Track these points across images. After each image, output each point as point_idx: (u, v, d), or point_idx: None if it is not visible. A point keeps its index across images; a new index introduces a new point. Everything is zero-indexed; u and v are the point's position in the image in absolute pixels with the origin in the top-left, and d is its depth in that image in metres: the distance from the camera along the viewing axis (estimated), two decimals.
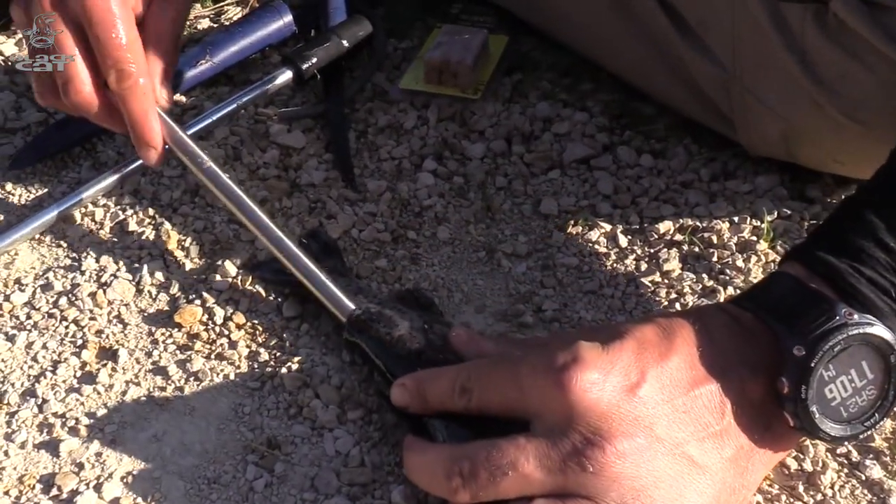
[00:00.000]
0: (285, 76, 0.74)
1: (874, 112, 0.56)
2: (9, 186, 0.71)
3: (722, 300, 0.56)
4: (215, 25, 0.93)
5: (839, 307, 0.41)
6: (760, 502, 0.47)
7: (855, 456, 0.49)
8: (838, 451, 0.49)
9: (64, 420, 0.53)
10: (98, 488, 0.49)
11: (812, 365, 0.40)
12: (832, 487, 0.48)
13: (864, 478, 0.48)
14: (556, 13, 0.77)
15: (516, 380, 0.42)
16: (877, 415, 0.42)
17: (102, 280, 0.62)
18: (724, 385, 0.42)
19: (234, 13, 0.94)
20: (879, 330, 0.41)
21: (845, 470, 0.48)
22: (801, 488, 0.47)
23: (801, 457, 0.49)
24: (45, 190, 0.71)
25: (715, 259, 0.60)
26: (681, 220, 0.64)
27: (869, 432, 0.43)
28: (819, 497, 0.47)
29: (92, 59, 0.58)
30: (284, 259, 0.55)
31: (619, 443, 0.40)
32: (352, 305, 0.52)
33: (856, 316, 0.41)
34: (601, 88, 0.76)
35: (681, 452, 0.41)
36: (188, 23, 0.89)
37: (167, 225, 0.65)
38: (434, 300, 0.55)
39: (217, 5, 0.96)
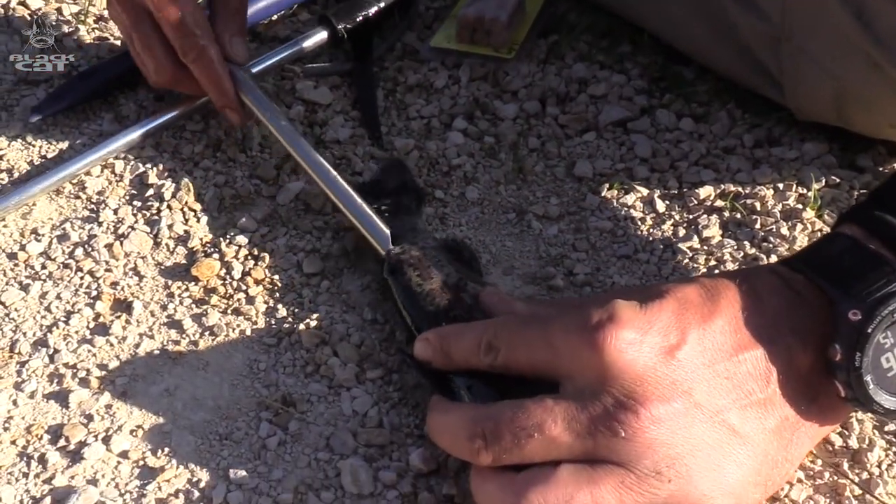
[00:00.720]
0: (320, 36, 0.72)
1: None
2: (29, 137, 0.70)
3: None
4: None
5: None
6: (802, 479, 0.44)
7: None
8: (886, 429, 0.46)
9: (75, 371, 0.51)
10: (106, 440, 0.47)
11: (869, 331, 0.37)
12: (879, 466, 0.45)
13: None
14: None
15: (547, 337, 0.40)
16: None
17: (120, 232, 0.60)
18: (770, 351, 0.39)
19: None
20: None
21: (894, 448, 0.45)
22: (845, 465, 0.44)
23: (847, 433, 0.46)
24: (66, 142, 0.69)
25: (758, 226, 0.57)
26: (722, 186, 0.60)
27: None
28: (865, 475, 0.44)
29: (165, 39, 0.61)
30: (333, 193, 0.55)
31: (655, 407, 0.37)
32: (391, 246, 0.50)
33: None
34: (640, 51, 0.73)
35: (721, 420, 0.38)
36: None
37: (187, 178, 0.63)
38: (477, 256, 0.53)
39: None
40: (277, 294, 0.55)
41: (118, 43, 0.79)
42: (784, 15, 0.59)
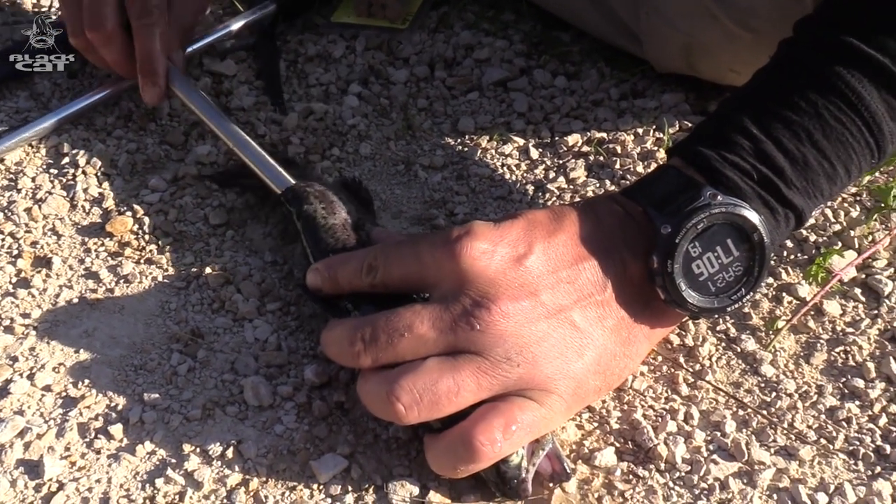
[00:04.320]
0: (271, 9, 0.77)
1: (763, 19, 0.60)
2: None
3: None
4: None
5: (704, 189, 0.45)
6: (644, 372, 0.51)
7: (733, 332, 0.53)
8: (718, 328, 0.53)
9: (1, 319, 0.55)
10: (31, 377, 0.52)
11: (677, 241, 0.44)
12: (710, 358, 0.52)
13: (739, 350, 0.52)
14: None
15: (416, 254, 0.46)
16: (743, 289, 0.46)
17: (38, 197, 0.64)
18: (606, 262, 0.46)
19: None
20: (743, 210, 0.45)
21: (723, 344, 0.53)
22: (681, 359, 0.52)
23: (683, 333, 0.53)
24: None
25: (618, 167, 0.64)
26: (588, 134, 0.67)
27: (737, 305, 0.46)
28: (697, 367, 0.51)
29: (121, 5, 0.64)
30: (238, 147, 0.60)
31: (505, 304, 0.43)
32: (292, 181, 0.56)
33: (720, 197, 0.45)
34: (522, 19, 0.80)
35: (564, 316, 0.44)
36: None
37: (101, 146, 0.68)
38: (372, 199, 0.59)
39: None
40: (186, 244, 0.60)
41: None
42: None
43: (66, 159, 0.67)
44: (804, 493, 0.45)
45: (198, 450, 0.47)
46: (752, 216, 0.45)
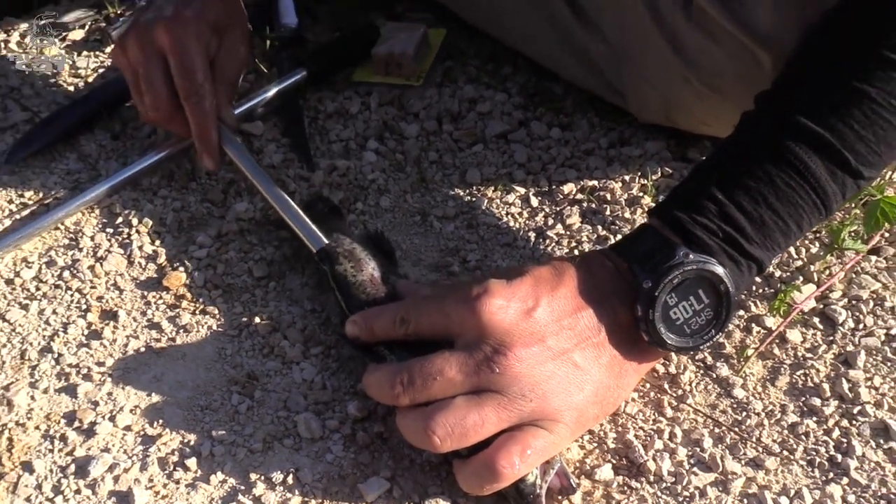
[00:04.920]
0: (301, 75, 0.86)
1: (727, 82, 0.69)
2: (5, 179, 0.82)
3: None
4: None
5: (679, 248, 0.54)
6: (635, 398, 0.60)
7: (709, 360, 0.62)
8: (696, 357, 0.63)
9: (78, 369, 0.64)
10: (112, 419, 0.61)
11: (656, 294, 0.53)
12: (690, 384, 0.61)
13: (714, 376, 0.61)
14: (481, 6, 0.89)
15: (442, 309, 0.55)
16: (713, 331, 0.55)
17: (98, 255, 0.73)
18: (600, 310, 0.55)
19: None
20: (711, 265, 0.54)
21: (701, 371, 0.62)
22: (665, 386, 0.61)
23: (667, 363, 0.62)
24: (39, 181, 0.81)
25: (608, 213, 0.73)
26: (582, 182, 0.76)
27: (709, 344, 0.55)
28: (679, 392, 0.61)
29: (170, 82, 0.73)
30: (278, 206, 0.69)
31: (518, 351, 0.52)
32: (325, 240, 0.64)
33: (692, 255, 0.54)
34: (518, 72, 0.89)
35: (567, 357, 0.53)
36: None
37: (150, 206, 0.77)
38: (395, 249, 0.68)
39: None
40: (234, 295, 0.69)
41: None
42: (622, 42, 0.75)
43: (120, 219, 0.76)
44: (770, 498, 0.54)
45: (262, 478, 0.56)
46: (719, 270, 0.54)
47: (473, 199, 0.76)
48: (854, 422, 0.58)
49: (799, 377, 0.61)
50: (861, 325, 0.64)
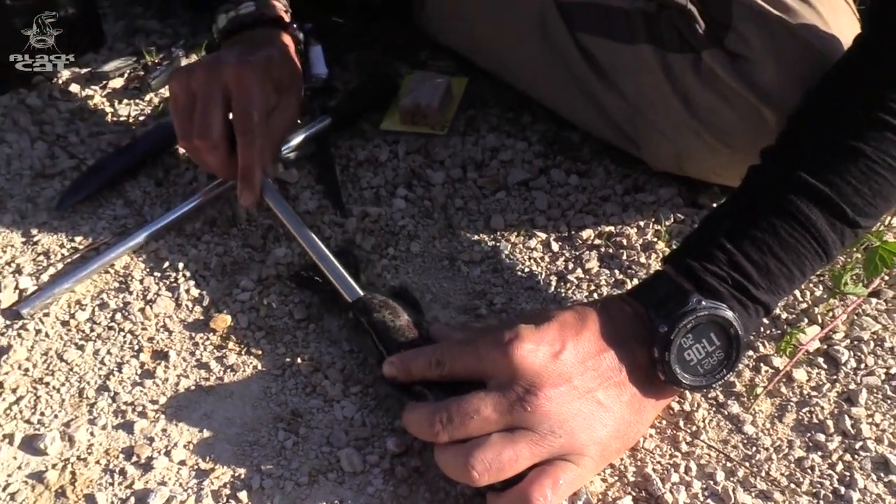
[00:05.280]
0: (327, 122, 0.92)
1: (737, 138, 0.74)
2: (55, 223, 0.88)
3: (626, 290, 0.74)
4: None
5: (692, 295, 0.59)
6: (652, 434, 0.65)
7: (721, 398, 0.67)
8: (709, 395, 0.67)
9: (133, 406, 0.69)
10: (168, 454, 0.65)
11: (672, 338, 0.58)
12: (703, 421, 0.66)
13: (726, 413, 0.66)
14: (502, 59, 0.95)
15: (476, 353, 0.60)
16: (724, 370, 0.60)
17: (148, 298, 0.78)
18: (620, 352, 0.60)
19: None
20: (722, 311, 0.59)
21: (713, 408, 0.67)
22: (681, 423, 0.65)
23: (682, 401, 0.67)
24: (87, 225, 0.87)
25: (624, 258, 0.78)
26: (599, 228, 0.81)
27: (720, 382, 0.60)
28: (693, 428, 0.65)
29: (226, 116, 0.77)
30: (316, 256, 0.74)
31: (548, 391, 0.57)
32: (360, 291, 0.70)
33: (704, 302, 0.59)
34: (538, 120, 0.94)
35: (591, 396, 0.58)
36: None
37: (194, 251, 0.82)
38: (418, 300, 0.73)
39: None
40: (277, 336, 0.74)
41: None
42: (637, 97, 0.80)
43: (167, 263, 0.81)
44: None
45: None
46: (729, 314, 0.59)
47: (498, 244, 0.81)
48: (856, 456, 0.62)
49: (805, 414, 0.65)
50: (863, 365, 0.68)
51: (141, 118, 1.02)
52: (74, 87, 1.07)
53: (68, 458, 0.66)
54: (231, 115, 0.77)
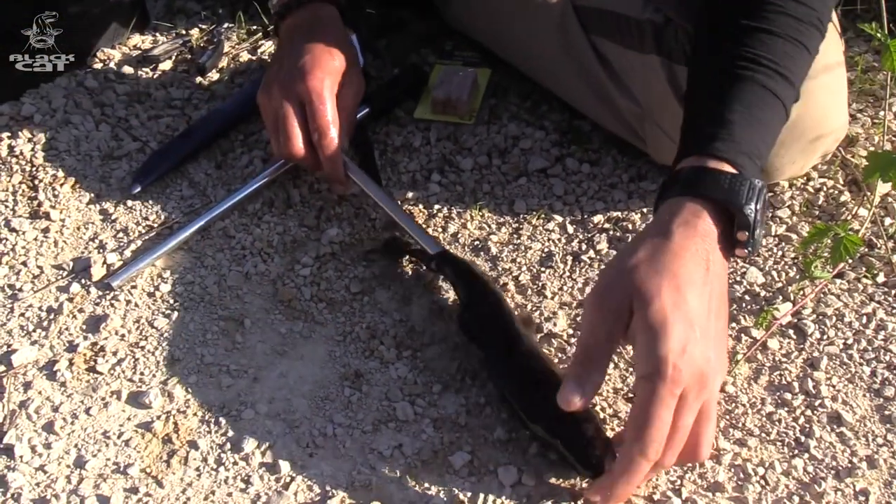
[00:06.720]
0: (366, 111, 1.03)
1: None
2: (129, 202, 1.00)
3: None
4: (253, 58, 1.20)
5: (748, 178, 0.68)
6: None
7: None
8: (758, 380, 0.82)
9: (219, 367, 0.83)
10: (253, 406, 0.80)
11: (758, 218, 0.68)
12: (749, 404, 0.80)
13: None
14: (522, 52, 1.06)
15: None
16: (762, 229, 0.69)
17: (221, 273, 0.92)
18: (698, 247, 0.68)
19: (268, 47, 1.21)
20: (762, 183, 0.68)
21: (762, 399, 0.81)
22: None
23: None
24: (158, 205, 0.99)
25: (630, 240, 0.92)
26: (608, 213, 0.95)
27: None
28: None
29: (304, 123, 0.90)
30: (400, 219, 0.90)
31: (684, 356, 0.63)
32: (438, 247, 0.86)
33: (756, 179, 0.68)
34: (553, 109, 1.06)
35: (699, 287, 0.66)
36: (232, 55, 1.17)
37: (258, 230, 0.95)
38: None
39: (252, 38, 1.23)
40: (336, 307, 0.88)
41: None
42: (645, 100, 0.92)
43: (235, 240, 0.94)
44: (750, 468, 0.73)
45: (375, 452, 0.76)
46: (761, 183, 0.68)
47: (521, 226, 0.94)
48: (815, 412, 0.77)
49: (776, 377, 0.80)
50: (825, 336, 0.83)
51: (194, 101, 1.14)
52: (128, 69, 1.18)
53: (170, 410, 0.80)
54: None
